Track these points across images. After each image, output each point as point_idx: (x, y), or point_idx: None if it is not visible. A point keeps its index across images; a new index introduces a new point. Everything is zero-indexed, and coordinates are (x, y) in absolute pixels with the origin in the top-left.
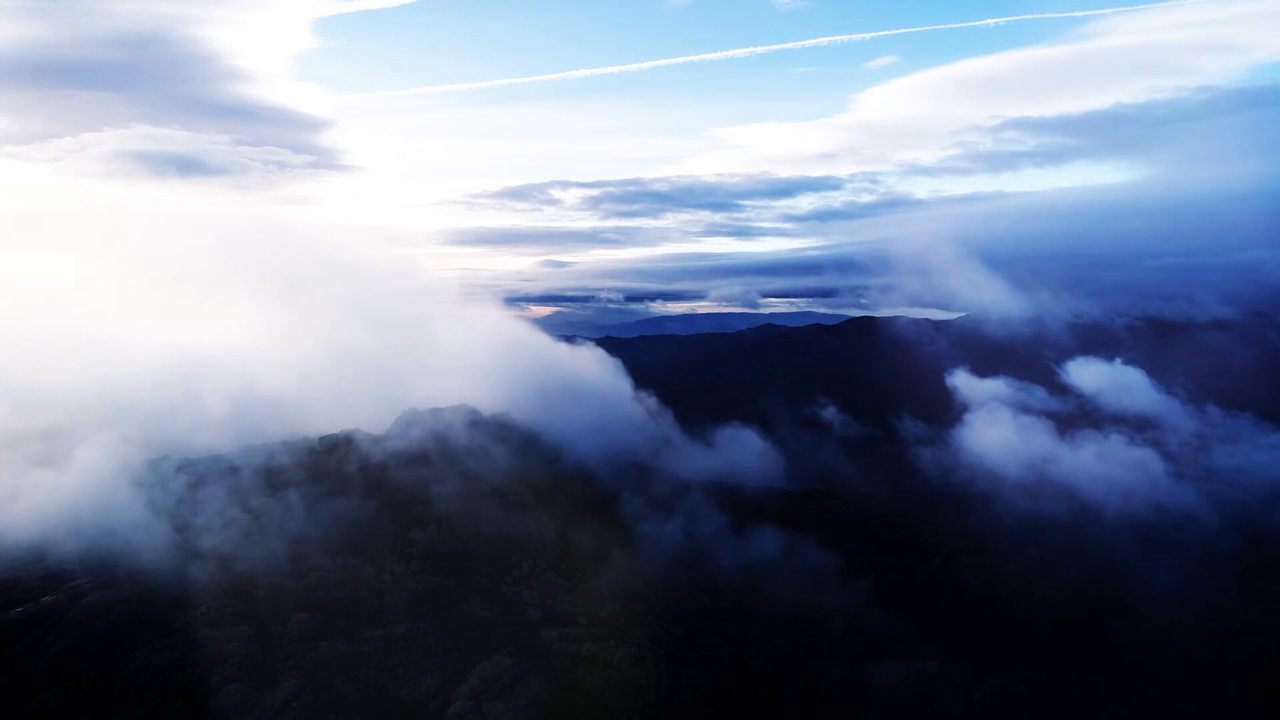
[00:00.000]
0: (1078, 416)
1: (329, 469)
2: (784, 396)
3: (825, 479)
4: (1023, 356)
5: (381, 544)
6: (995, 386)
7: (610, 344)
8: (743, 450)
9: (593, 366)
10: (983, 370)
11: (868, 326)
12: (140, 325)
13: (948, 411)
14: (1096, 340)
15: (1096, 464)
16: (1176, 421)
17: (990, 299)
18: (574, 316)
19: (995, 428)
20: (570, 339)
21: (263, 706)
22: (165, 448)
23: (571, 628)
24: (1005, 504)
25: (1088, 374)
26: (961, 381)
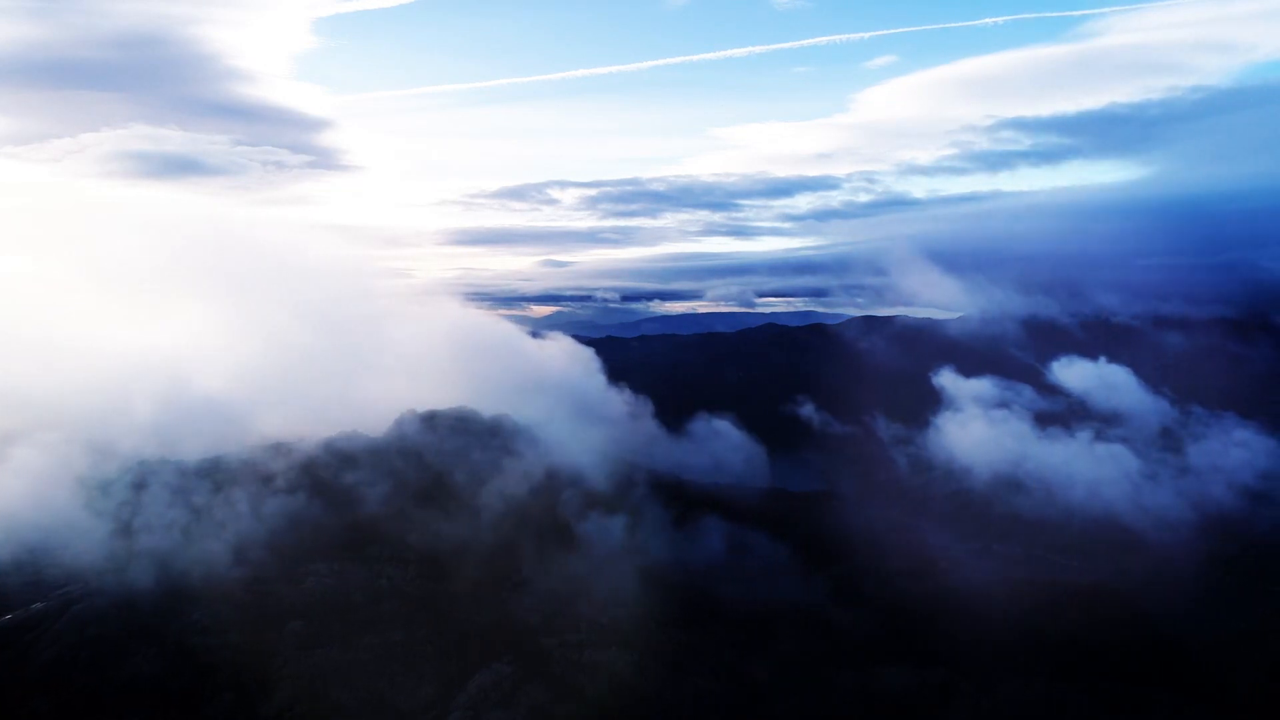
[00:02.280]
0: (1067, 416)
1: (316, 472)
2: (780, 396)
3: (823, 480)
4: (1014, 356)
5: (378, 549)
6: (983, 386)
7: (610, 344)
8: (729, 448)
9: (584, 369)
10: (974, 370)
11: (867, 326)
12: (100, 326)
13: (941, 412)
14: (1087, 339)
15: (1089, 465)
16: (1165, 421)
17: (945, 299)
18: (574, 316)
19: (986, 427)
20: (536, 334)
21: (256, 716)
22: (134, 451)
23: (572, 634)
24: (1005, 505)
25: (1076, 373)
26: (951, 381)
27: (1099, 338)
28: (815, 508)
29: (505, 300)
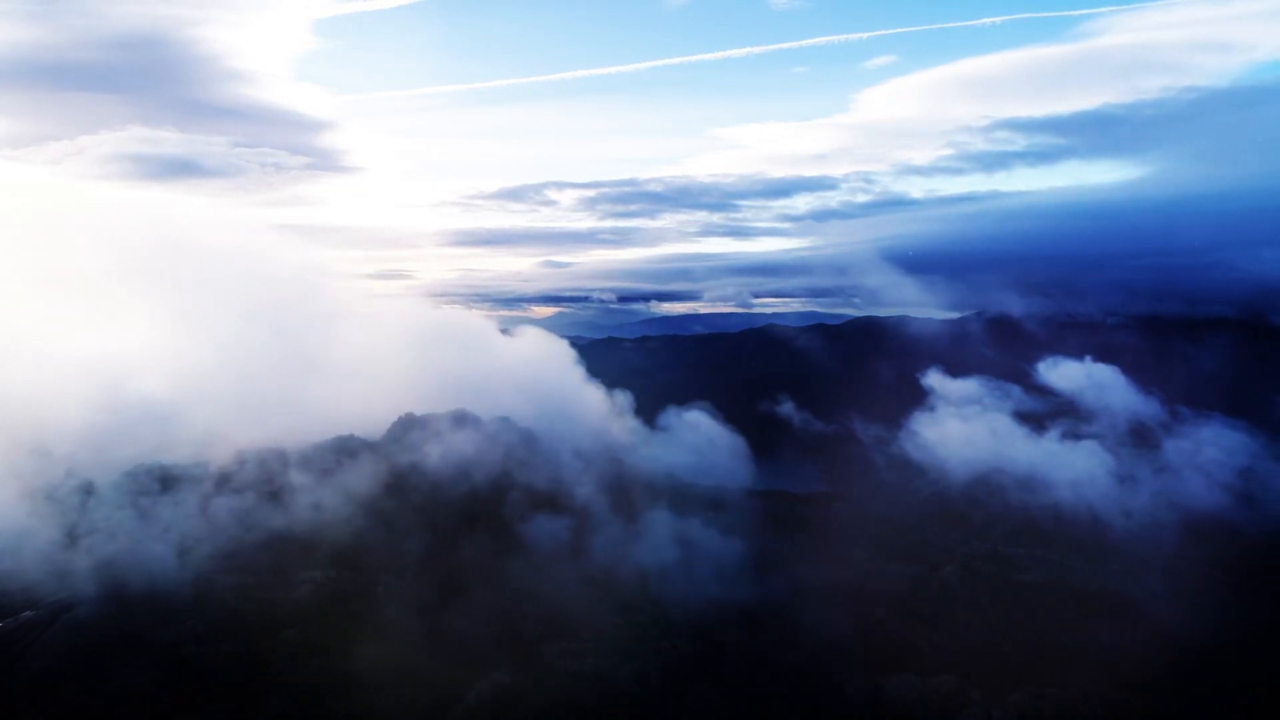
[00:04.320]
0: (1056, 416)
1: (300, 478)
2: (773, 397)
3: (817, 481)
4: (1005, 357)
5: (374, 557)
6: (971, 386)
7: (610, 345)
8: (714, 447)
9: (559, 364)
10: (964, 370)
11: (862, 326)
12: (54, 330)
13: (929, 412)
14: (1078, 340)
15: (1082, 465)
16: (1156, 420)
17: (916, 302)
18: (576, 317)
19: (974, 427)
20: (505, 330)
21: None
22: (119, 459)
23: (573, 643)
24: (1002, 506)
25: (1065, 374)
26: (939, 382)
27: (1090, 338)
28: (807, 508)
29: (505, 301)
